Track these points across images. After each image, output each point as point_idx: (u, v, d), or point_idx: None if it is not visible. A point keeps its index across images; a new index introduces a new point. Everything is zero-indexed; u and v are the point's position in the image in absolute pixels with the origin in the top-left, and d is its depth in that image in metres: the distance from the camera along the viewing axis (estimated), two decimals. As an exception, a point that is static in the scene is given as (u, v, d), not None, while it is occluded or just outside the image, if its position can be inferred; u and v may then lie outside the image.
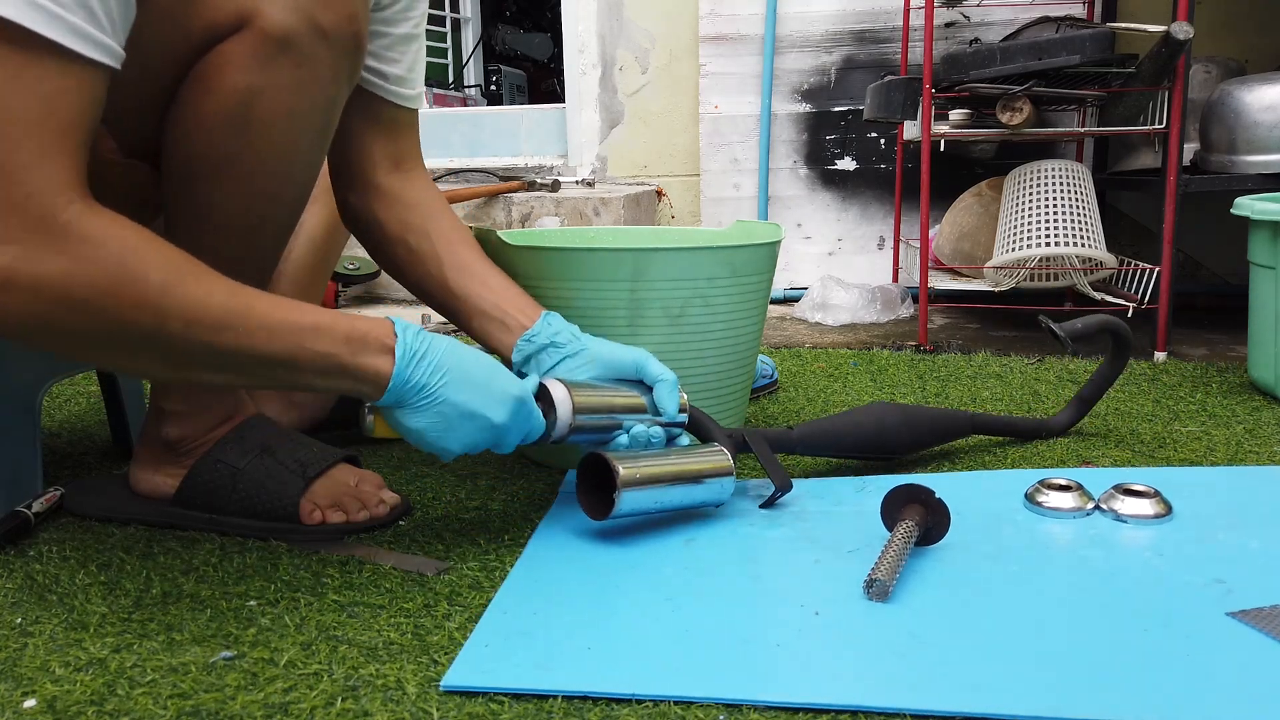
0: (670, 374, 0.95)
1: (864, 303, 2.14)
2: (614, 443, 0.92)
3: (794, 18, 2.44)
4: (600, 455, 0.89)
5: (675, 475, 0.91)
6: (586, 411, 0.90)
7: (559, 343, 0.95)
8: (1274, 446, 1.20)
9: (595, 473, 0.91)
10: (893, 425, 1.11)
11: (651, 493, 0.89)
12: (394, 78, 0.96)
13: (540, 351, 0.95)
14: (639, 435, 0.92)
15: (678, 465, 0.91)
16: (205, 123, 0.79)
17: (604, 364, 0.95)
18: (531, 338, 0.95)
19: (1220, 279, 2.36)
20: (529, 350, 0.96)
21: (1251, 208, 1.42)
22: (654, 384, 0.95)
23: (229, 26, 0.76)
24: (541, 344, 0.95)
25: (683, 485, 0.91)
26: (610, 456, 0.87)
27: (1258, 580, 0.79)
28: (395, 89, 0.97)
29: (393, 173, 1.00)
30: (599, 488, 0.90)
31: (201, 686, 0.66)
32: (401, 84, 0.97)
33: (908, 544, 0.81)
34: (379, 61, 0.95)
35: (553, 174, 2.77)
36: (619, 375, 0.95)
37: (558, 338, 0.95)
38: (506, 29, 4.57)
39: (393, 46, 0.95)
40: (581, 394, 0.91)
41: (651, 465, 0.89)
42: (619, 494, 0.86)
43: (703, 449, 0.96)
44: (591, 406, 0.91)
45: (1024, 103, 1.83)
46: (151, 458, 0.97)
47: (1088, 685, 0.64)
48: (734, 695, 0.63)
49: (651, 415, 0.95)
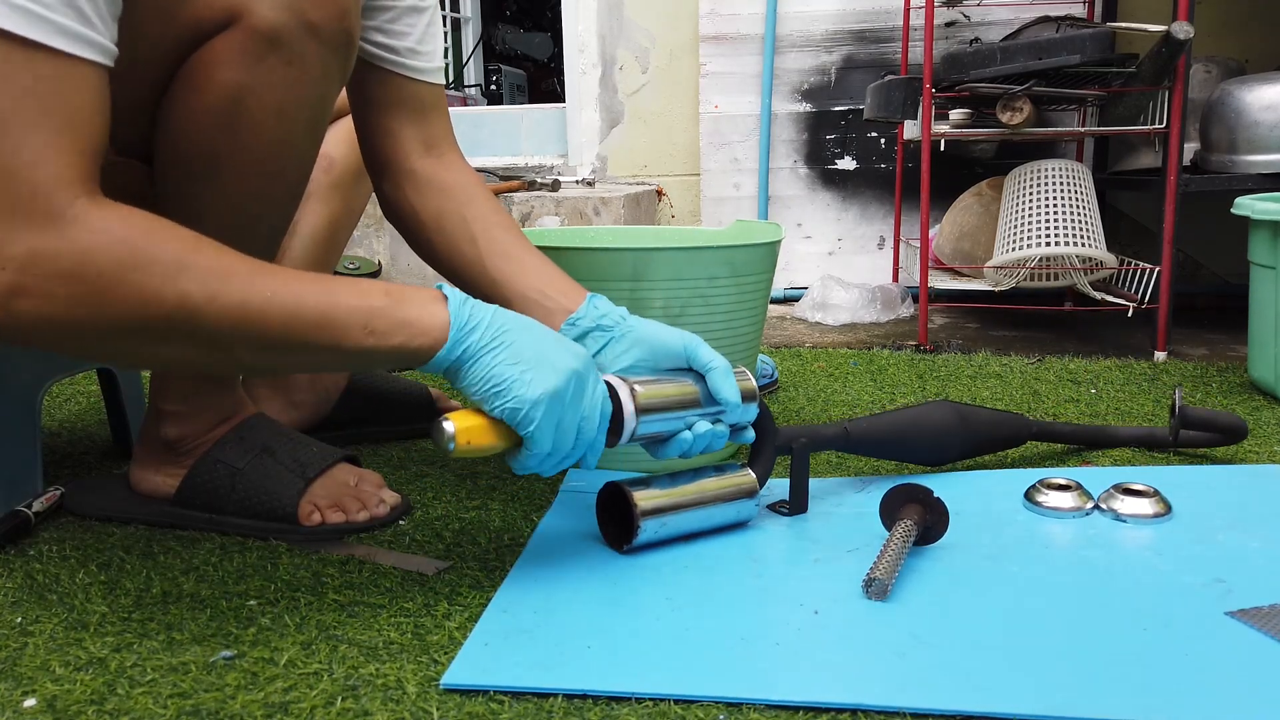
0: (722, 359, 0.87)
1: (864, 302, 2.14)
2: (677, 439, 0.85)
3: (794, 17, 2.44)
4: (619, 485, 0.87)
5: (695, 501, 0.88)
6: (651, 410, 0.83)
7: (605, 326, 0.89)
8: (1274, 446, 1.20)
9: (615, 503, 0.89)
10: (952, 430, 1.06)
11: (672, 520, 0.87)
12: (405, 50, 0.94)
13: (585, 336, 0.89)
14: (703, 434, 0.85)
15: (698, 490, 0.89)
16: (196, 120, 0.79)
17: (650, 348, 0.87)
18: (576, 321, 0.89)
19: (1220, 279, 2.36)
20: (574, 335, 0.89)
21: (1252, 207, 1.42)
22: (705, 372, 0.86)
23: (218, 23, 0.76)
24: (587, 328, 0.89)
25: (704, 509, 0.89)
26: (629, 486, 0.86)
27: (1258, 580, 0.79)
28: (408, 61, 0.94)
29: (425, 157, 0.97)
30: (619, 518, 0.89)
31: (201, 686, 0.66)
32: (414, 56, 0.94)
33: (906, 543, 0.81)
34: (387, 36, 0.93)
35: (553, 174, 2.77)
36: (666, 360, 0.87)
37: (604, 320, 0.89)
38: (506, 28, 4.57)
39: (399, 19, 0.93)
40: (643, 390, 0.83)
41: (673, 493, 0.87)
42: (639, 525, 0.85)
43: (726, 468, 0.93)
44: (655, 406, 0.83)
45: (1024, 102, 1.82)
46: (151, 458, 0.97)
47: (1087, 685, 0.64)
48: (734, 694, 0.63)
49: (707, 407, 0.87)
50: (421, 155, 0.97)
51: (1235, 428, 1.13)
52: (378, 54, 0.93)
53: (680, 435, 0.85)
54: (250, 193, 0.83)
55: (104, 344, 0.68)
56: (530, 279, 0.92)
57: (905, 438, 1.04)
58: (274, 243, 0.92)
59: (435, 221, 0.96)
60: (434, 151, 0.97)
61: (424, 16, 0.95)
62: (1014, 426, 1.12)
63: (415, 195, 0.96)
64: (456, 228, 0.95)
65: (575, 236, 1.38)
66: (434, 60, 0.97)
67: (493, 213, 0.96)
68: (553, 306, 0.90)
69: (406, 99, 0.95)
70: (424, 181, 0.96)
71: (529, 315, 0.89)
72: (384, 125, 0.96)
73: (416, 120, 0.96)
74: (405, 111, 0.96)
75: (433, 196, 0.96)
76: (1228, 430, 1.14)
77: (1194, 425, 1.14)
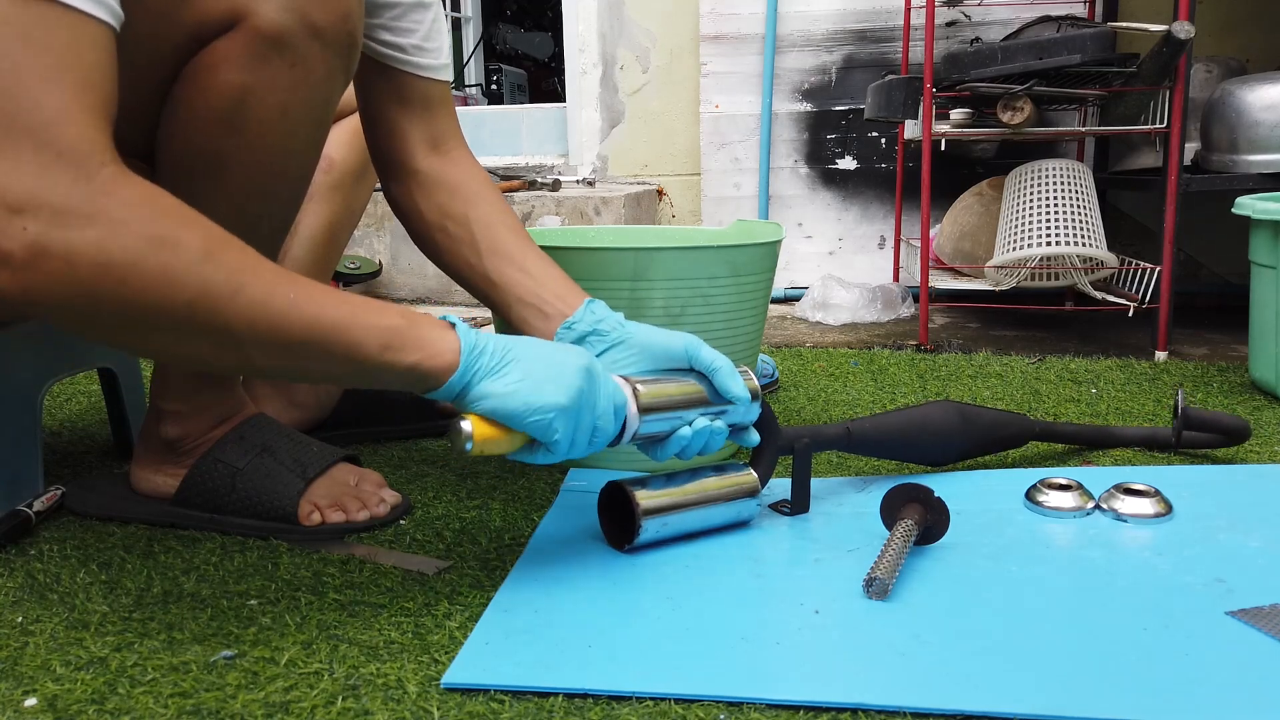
0: (725, 359, 0.87)
1: (864, 302, 2.14)
2: (674, 436, 0.84)
3: (795, 17, 2.44)
4: (620, 485, 0.87)
5: (697, 500, 0.88)
6: (653, 410, 0.82)
7: (602, 331, 0.89)
8: (1274, 446, 1.20)
9: (616, 503, 0.89)
10: (954, 430, 1.06)
11: (673, 519, 0.87)
12: (411, 48, 0.94)
13: (581, 340, 0.89)
14: (701, 430, 0.85)
15: (701, 489, 0.89)
16: (198, 121, 0.79)
17: (652, 355, 0.87)
18: (572, 325, 0.89)
19: (1221, 278, 2.36)
20: (569, 339, 0.89)
21: (1252, 207, 1.42)
22: (711, 373, 0.86)
23: (221, 24, 0.76)
24: (583, 332, 0.89)
25: (705, 509, 0.89)
26: (630, 486, 0.86)
27: (1258, 579, 0.79)
28: (414, 59, 0.94)
29: (431, 155, 0.97)
30: (620, 518, 0.89)
31: (202, 685, 0.66)
32: (421, 54, 0.94)
33: (907, 543, 0.81)
34: (393, 34, 0.93)
35: (553, 173, 2.77)
36: (668, 364, 0.87)
37: (600, 325, 0.89)
38: (507, 28, 4.57)
39: (404, 16, 0.93)
40: (645, 390, 0.83)
41: (674, 492, 0.88)
42: (640, 524, 0.85)
43: (727, 467, 0.93)
44: (658, 406, 0.83)
45: (1025, 102, 1.82)
46: (152, 457, 0.97)
47: (1088, 684, 0.64)
48: (734, 693, 0.63)
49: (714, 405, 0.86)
50: (428, 153, 0.97)
51: (1238, 429, 1.13)
52: (383, 51, 0.93)
53: (678, 432, 0.85)
54: (253, 193, 0.83)
55: (118, 324, 0.65)
56: (529, 283, 0.93)
57: (907, 438, 1.04)
58: (276, 243, 0.92)
59: (439, 221, 0.96)
60: (441, 149, 0.98)
61: (429, 13, 0.95)
62: (1016, 426, 1.12)
63: (420, 194, 0.97)
64: (459, 228, 0.95)
65: (576, 236, 1.38)
66: (440, 57, 0.97)
67: (496, 212, 0.96)
68: (550, 311, 0.91)
69: (413, 96, 0.95)
70: (429, 180, 0.97)
71: (526, 319, 0.91)
72: (390, 123, 0.96)
73: (423, 117, 0.96)
74: (411, 109, 0.96)
75: (438, 196, 0.96)
76: (1230, 432, 1.14)
77: (1197, 427, 1.14)
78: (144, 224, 0.62)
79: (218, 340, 0.66)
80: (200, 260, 0.63)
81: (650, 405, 0.82)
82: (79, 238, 0.59)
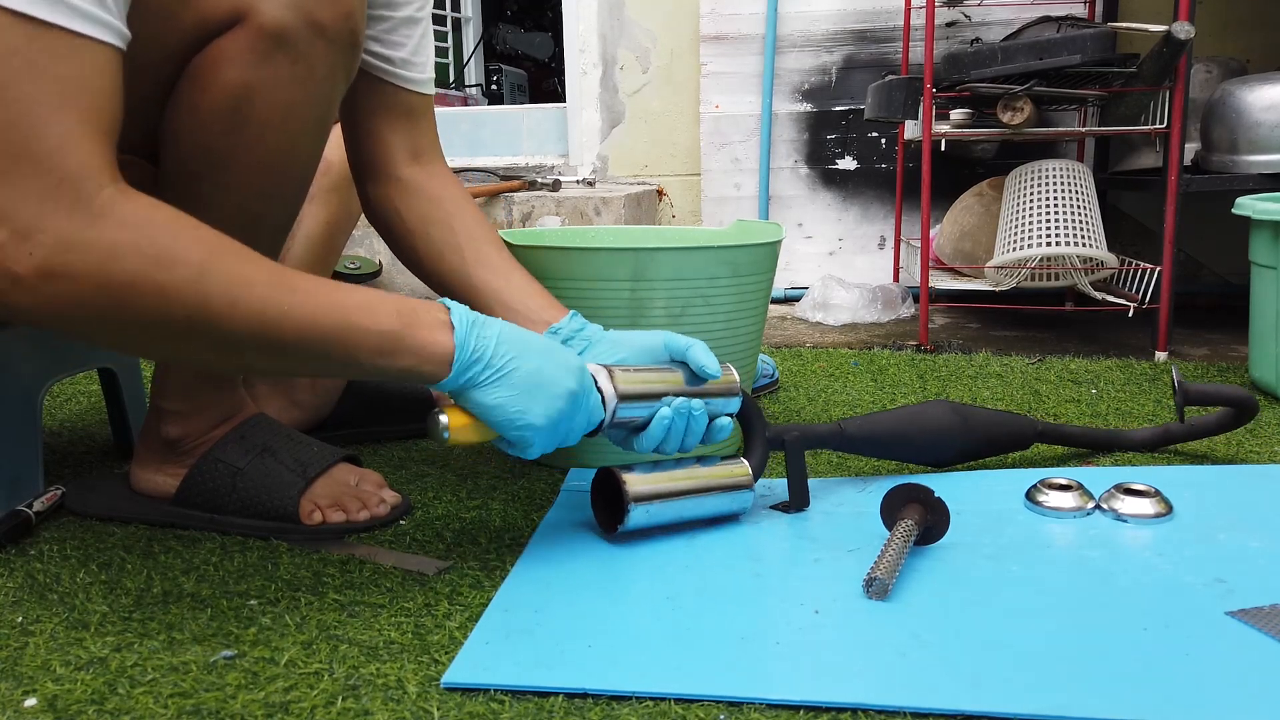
0: (700, 341, 0.89)
1: (865, 302, 2.14)
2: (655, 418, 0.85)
3: (795, 17, 2.44)
4: (611, 470, 0.87)
5: (688, 489, 0.89)
6: (631, 397, 0.84)
7: (584, 335, 0.92)
8: (1274, 446, 1.20)
9: (608, 488, 0.89)
10: (951, 430, 1.05)
11: (664, 507, 0.87)
12: (399, 61, 0.96)
13: (566, 342, 0.92)
14: (680, 408, 0.86)
15: (691, 477, 0.89)
16: (201, 119, 0.79)
17: (633, 349, 0.90)
18: (556, 330, 0.92)
19: (1221, 279, 2.36)
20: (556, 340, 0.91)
21: (1253, 207, 1.42)
22: (685, 350, 0.89)
23: (224, 22, 0.76)
24: (567, 336, 0.92)
25: (696, 498, 0.89)
26: (620, 471, 0.86)
27: (1258, 580, 0.79)
28: (402, 72, 0.96)
29: (412, 165, 0.99)
30: (611, 503, 0.89)
31: (202, 685, 0.66)
32: (408, 67, 0.97)
33: (907, 542, 0.81)
34: (383, 46, 0.94)
35: (553, 173, 2.77)
36: (648, 357, 0.90)
37: (583, 332, 0.93)
38: (507, 28, 4.57)
39: (395, 30, 0.95)
40: (622, 374, 0.85)
41: (664, 478, 0.88)
42: (629, 509, 0.85)
43: (719, 458, 0.94)
44: (635, 391, 0.85)
45: (1025, 102, 1.82)
46: (152, 457, 0.97)
47: (1088, 684, 0.64)
48: (734, 693, 0.64)
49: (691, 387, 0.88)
50: (409, 163, 0.99)
51: (1242, 399, 1.11)
52: (373, 63, 0.94)
53: (659, 413, 0.85)
54: (255, 191, 0.84)
55: (123, 335, 0.69)
56: (514, 292, 0.96)
57: (902, 437, 1.04)
58: (277, 242, 0.93)
59: (421, 228, 0.98)
60: (421, 160, 1.00)
61: (419, 28, 0.98)
62: (1017, 428, 1.11)
63: (401, 201, 0.99)
64: (443, 236, 0.98)
65: (576, 236, 1.38)
66: (426, 71, 0.99)
67: (478, 225, 0.99)
68: (535, 320, 0.93)
69: (398, 107, 0.98)
70: (411, 188, 0.99)
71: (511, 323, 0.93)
72: (374, 131, 0.98)
73: (406, 128, 0.98)
74: (396, 119, 0.98)
75: (419, 204, 0.99)
76: (1234, 402, 1.11)
77: (1198, 400, 1.12)
78: (142, 244, 0.65)
79: (217, 348, 0.70)
80: (197, 277, 0.66)
81: (629, 392, 0.84)
82: (80, 261, 0.63)
